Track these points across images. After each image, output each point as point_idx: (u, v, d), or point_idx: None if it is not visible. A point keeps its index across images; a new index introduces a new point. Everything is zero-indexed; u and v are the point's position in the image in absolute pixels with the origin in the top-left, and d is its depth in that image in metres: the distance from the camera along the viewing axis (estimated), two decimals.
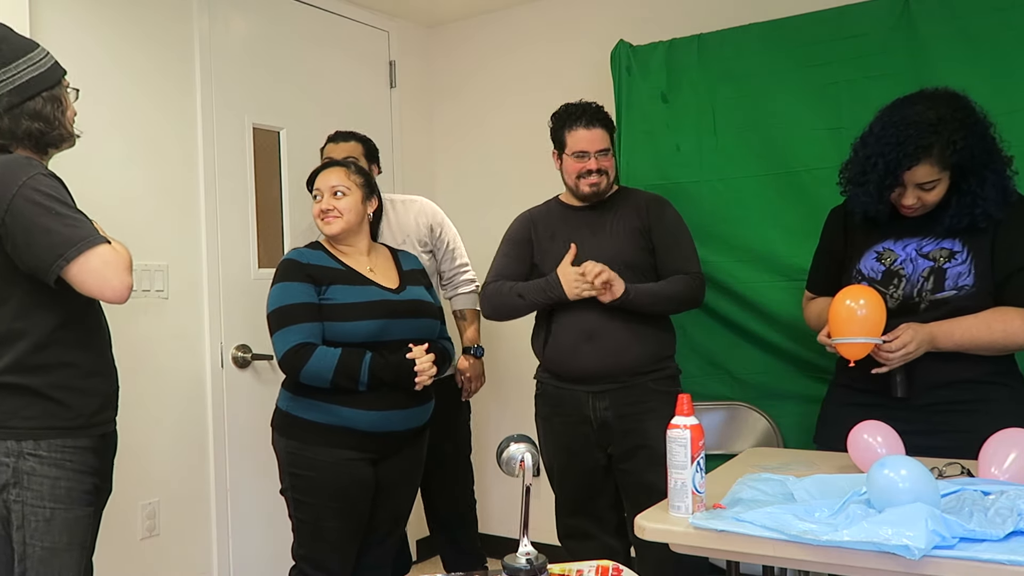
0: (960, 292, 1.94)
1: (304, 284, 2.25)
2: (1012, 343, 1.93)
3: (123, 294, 1.75)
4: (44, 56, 1.85)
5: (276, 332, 2.22)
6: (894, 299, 2.02)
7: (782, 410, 2.79)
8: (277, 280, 2.28)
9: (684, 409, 1.59)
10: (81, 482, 1.81)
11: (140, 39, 2.77)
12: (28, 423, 1.76)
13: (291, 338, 2.19)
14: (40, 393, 1.77)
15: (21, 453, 1.75)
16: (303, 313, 2.22)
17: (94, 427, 1.85)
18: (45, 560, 1.76)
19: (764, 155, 2.83)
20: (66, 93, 1.88)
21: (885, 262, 2.05)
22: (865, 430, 1.81)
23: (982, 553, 1.30)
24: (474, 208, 3.74)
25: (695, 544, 1.54)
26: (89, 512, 1.84)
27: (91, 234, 1.73)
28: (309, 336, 2.20)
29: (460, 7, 3.68)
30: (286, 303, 2.23)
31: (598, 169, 2.50)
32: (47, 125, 1.82)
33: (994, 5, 2.47)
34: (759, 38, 2.82)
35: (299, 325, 2.20)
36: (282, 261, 2.34)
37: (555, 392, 2.56)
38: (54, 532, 1.77)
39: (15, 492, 1.75)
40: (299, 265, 2.29)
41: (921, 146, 1.89)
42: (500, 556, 1.53)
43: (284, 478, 2.34)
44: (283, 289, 2.25)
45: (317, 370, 2.17)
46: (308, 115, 3.31)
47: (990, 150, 1.91)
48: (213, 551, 2.94)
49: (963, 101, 1.94)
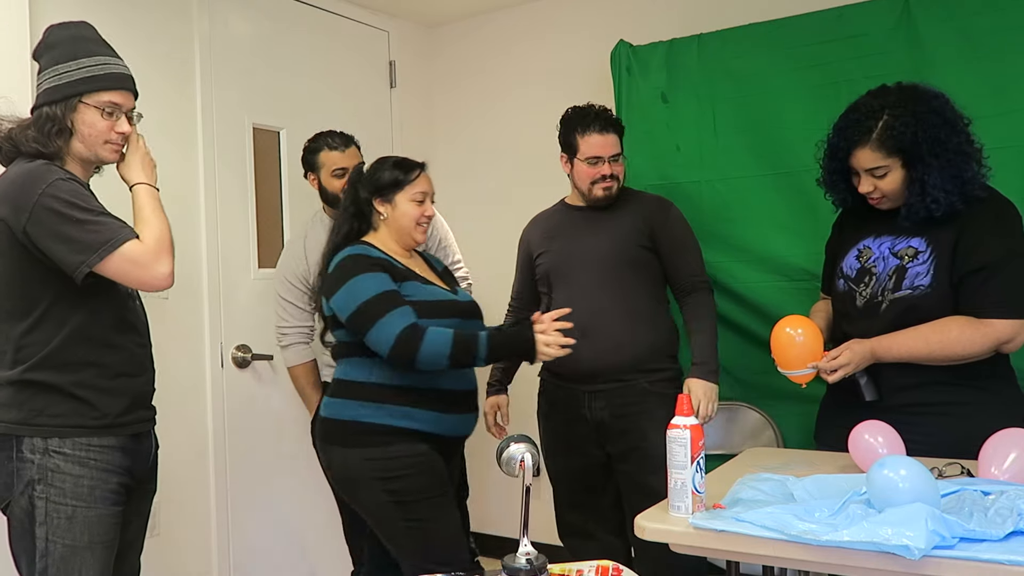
0: (915, 292, 1.93)
1: (385, 274, 2.12)
2: (951, 354, 1.90)
3: (160, 283, 1.79)
4: (71, 69, 1.81)
5: (377, 320, 2.05)
6: (863, 297, 2.03)
7: (782, 410, 2.80)
8: (354, 273, 2.12)
9: (684, 409, 1.60)
10: (106, 481, 1.81)
11: (140, 39, 2.76)
12: (54, 420, 1.77)
13: (397, 322, 2.05)
14: (66, 391, 1.78)
15: (47, 450, 1.77)
16: (399, 298, 2.09)
17: (121, 427, 1.85)
18: (66, 557, 1.77)
19: (764, 155, 2.84)
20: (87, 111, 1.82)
21: (862, 259, 2.06)
22: (866, 430, 1.81)
23: (982, 553, 1.30)
24: (474, 208, 3.74)
25: (695, 544, 1.54)
26: (114, 512, 1.84)
27: (112, 236, 1.74)
28: (412, 317, 2.07)
29: (460, 7, 3.68)
30: (380, 291, 2.09)
31: (612, 174, 2.52)
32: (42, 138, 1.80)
33: (994, 5, 2.47)
34: (759, 38, 2.82)
35: (400, 308, 2.07)
36: (349, 256, 2.16)
37: (554, 390, 2.60)
38: (75, 530, 1.77)
39: (39, 488, 1.76)
40: (372, 259, 2.15)
41: (860, 130, 1.93)
42: (500, 556, 1.53)
43: (368, 491, 2.13)
44: (369, 279, 2.10)
45: (434, 348, 2.04)
46: (308, 115, 3.31)
47: (942, 140, 1.87)
48: (213, 551, 2.94)
49: (917, 92, 1.93)
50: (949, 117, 1.91)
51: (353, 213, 2.28)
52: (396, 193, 2.25)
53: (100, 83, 1.83)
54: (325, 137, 2.87)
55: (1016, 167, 2.35)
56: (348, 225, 2.28)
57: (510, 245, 2.86)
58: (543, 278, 2.65)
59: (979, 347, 1.89)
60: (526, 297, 2.76)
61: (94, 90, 1.82)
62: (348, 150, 2.86)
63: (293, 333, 2.86)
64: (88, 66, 1.82)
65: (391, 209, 2.25)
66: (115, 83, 1.85)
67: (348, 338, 2.19)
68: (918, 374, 1.95)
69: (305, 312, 2.86)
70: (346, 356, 2.22)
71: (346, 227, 2.28)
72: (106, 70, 1.84)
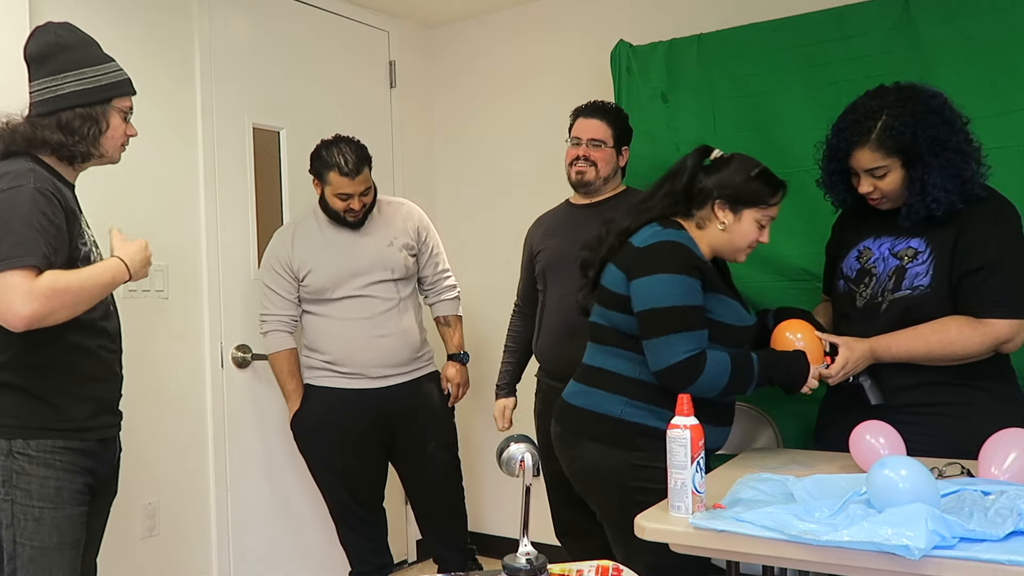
0: (914, 292, 1.94)
1: (698, 284, 1.89)
2: (950, 354, 1.89)
3: (13, 323, 1.66)
4: (100, 73, 1.87)
5: (666, 335, 1.84)
6: (863, 298, 2.03)
7: (782, 410, 2.79)
8: (671, 269, 1.88)
9: (684, 409, 1.60)
10: (72, 481, 1.81)
11: (140, 39, 2.76)
12: (17, 422, 1.77)
13: (686, 345, 1.83)
14: (32, 394, 1.77)
15: (11, 452, 1.76)
16: (701, 319, 1.88)
17: (87, 431, 1.85)
18: (35, 559, 1.76)
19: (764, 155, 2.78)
20: (114, 114, 1.90)
21: (862, 260, 2.06)
22: (867, 430, 1.81)
23: (982, 553, 1.30)
24: (474, 208, 3.74)
25: (695, 544, 1.54)
26: (81, 511, 1.84)
27: (16, 256, 1.66)
28: (703, 343, 1.87)
29: (460, 7, 3.68)
30: (686, 303, 1.86)
31: (585, 157, 2.55)
32: (69, 138, 1.83)
33: (994, 5, 2.47)
34: (759, 38, 2.82)
35: (697, 332, 1.86)
36: (674, 244, 1.90)
37: (547, 389, 2.64)
38: (44, 531, 1.77)
39: (4, 491, 1.75)
40: (694, 259, 1.91)
41: (859, 131, 1.93)
42: (500, 556, 1.53)
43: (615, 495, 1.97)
44: (682, 285, 1.87)
45: (708, 381, 1.84)
46: (308, 115, 3.31)
47: (941, 140, 1.87)
48: (213, 551, 2.94)
49: (916, 92, 1.93)
50: (948, 116, 1.91)
51: (682, 192, 2.01)
52: (748, 208, 1.98)
53: (125, 88, 1.92)
54: (339, 156, 2.75)
55: (1016, 167, 2.35)
56: (672, 201, 2.01)
57: (509, 245, 2.87)
58: (539, 275, 2.69)
59: (978, 347, 1.88)
60: (531, 297, 2.77)
61: (122, 94, 1.91)
62: (359, 176, 2.76)
63: (273, 320, 2.86)
64: (114, 71, 1.91)
65: (733, 220, 1.98)
66: (132, 89, 1.94)
67: (622, 326, 1.97)
68: (918, 374, 1.95)
69: (287, 300, 2.85)
70: (614, 345, 2.00)
71: (668, 202, 2.01)
72: (124, 76, 1.93)
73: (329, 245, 2.84)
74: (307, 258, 2.82)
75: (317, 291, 2.82)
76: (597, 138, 2.58)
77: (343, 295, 2.81)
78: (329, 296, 2.82)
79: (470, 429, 3.58)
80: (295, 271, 2.82)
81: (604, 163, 2.60)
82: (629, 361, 1.97)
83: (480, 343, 3.52)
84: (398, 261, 2.87)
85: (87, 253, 1.85)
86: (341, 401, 2.82)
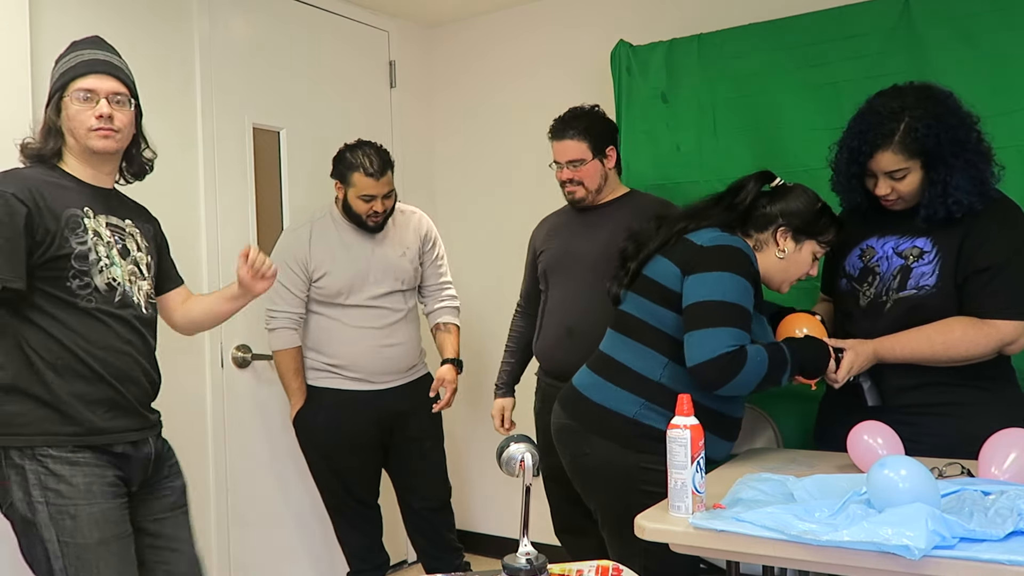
0: (920, 292, 1.93)
1: (753, 291, 1.90)
2: (954, 355, 1.89)
3: None
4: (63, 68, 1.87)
5: (713, 327, 1.82)
6: (866, 296, 2.03)
7: (782, 410, 2.79)
8: (734, 269, 1.88)
9: (684, 409, 1.60)
10: (102, 476, 1.81)
11: (140, 39, 2.76)
12: (30, 429, 1.77)
13: (730, 340, 1.81)
14: (45, 401, 1.78)
15: (34, 456, 1.77)
16: (749, 324, 1.88)
17: (98, 435, 1.83)
18: (80, 556, 1.76)
19: (764, 155, 2.83)
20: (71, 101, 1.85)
21: (865, 259, 2.06)
22: (865, 430, 1.81)
23: (982, 553, 1.30)
24: (474, 208, 3.74)
25: (695, 544, 1.54)
26: (118, 504, 1.83)
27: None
28: (746, 340, 1.85)
29: (460, 7, 3.68)
30: (739, 302, 1.85)
31: (570, 179, 2.55)
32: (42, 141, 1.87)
33: (994, 5, 2.47)
34: (759, 38, 2.82)
35: (744, 333, 1.85)
36: (739, 249, 1.91)
37: (546, 388, 2.65)
38: (83, 528, 1.77)
39: (38, 492, 1.76)
40: (754, 270, 1.92)
41: (882, 133, 1.90)
42: (498, 556, 1.52)
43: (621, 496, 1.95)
44: (742, 287, 1.87)
45: (749, 376, 1.83)
46: (308, 115, 3.31)
47: (961, 141, 1.87)
48: (213, 551, 2.94)
49: (933, 92, 1.93)
50: (963, 116, 1.91)
51: (746, 210, 2.02)
52: (809, 239, 2.01)
53: (72, 73, 1.86)
54: (363, 157, 2.78)
55: (1016, 167, 2.34)
56: (733, 216, 2.02)
57: (509, 245, 2.87)
58: (542, 276, 2.70)
59: (983, 348, 1.88)
60: (534, 297, 2.78)
61: (68, 81, 1.85)
62: (383, 178, 2.80)
63: (282, 317, 2.86)
64: (73, 57, 1.87)
65: (794, 249, 2.01)
66: (86, 68, 1.86)
67: (659, 321, 1.96)
68: (919, 375, 1.94)
69: (297, 298, 2.85)
70: (641, 341, 1.99)
71: (729, 216, 2.02)
72: (78, 59, 1.86)
73: (347, 249, 2.86)
74: (324, 259, 2.83)
75: (331, 295, 2.83)
76: (574, 159, 2.56)
77: (356, 303, 2.83)
78: (342, 301, 2.83)
79: (469, 429, 3.59)
80: (310, 271, 2.83)
81: (590, 178, 2.59)
82: (652, 361, 1.95)
83: (479, 343, 3.52)
84: (408, 272, 2.93)
85: (84, 252, 1.82)
86: (344, 402, 2.84)
